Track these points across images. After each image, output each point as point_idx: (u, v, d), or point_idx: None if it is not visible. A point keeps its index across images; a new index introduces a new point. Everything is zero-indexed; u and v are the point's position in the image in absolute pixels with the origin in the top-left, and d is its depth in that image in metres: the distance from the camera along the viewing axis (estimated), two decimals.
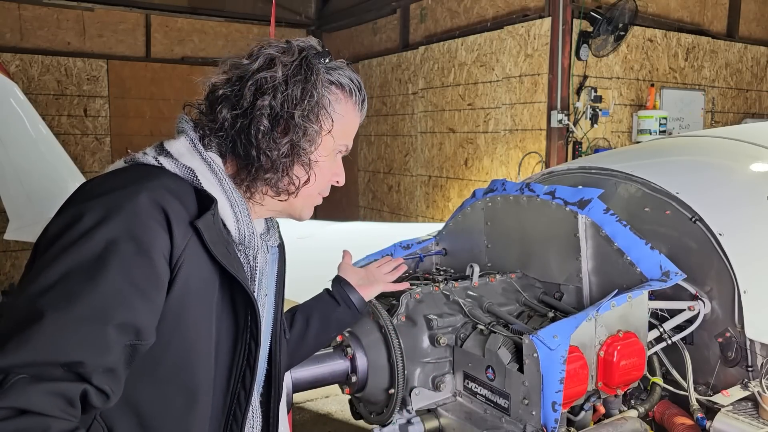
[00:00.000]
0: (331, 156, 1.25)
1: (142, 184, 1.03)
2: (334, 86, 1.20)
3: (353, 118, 1.26)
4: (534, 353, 1.51)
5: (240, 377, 1.18)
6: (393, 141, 8.10)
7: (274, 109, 1.13)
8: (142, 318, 0.97)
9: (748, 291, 1.72)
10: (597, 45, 5.68)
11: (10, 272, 7.50)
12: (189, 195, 1.09)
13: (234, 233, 1.15)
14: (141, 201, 1.00)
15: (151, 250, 0.99)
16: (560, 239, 1.92)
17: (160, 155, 1.13)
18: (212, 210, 1.08)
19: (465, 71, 6.69)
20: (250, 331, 1.17)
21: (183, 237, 1.03)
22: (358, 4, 8.64)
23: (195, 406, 1.11)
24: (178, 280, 1.03)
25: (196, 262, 1.06)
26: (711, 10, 6.89)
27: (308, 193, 1.24)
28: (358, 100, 1.25)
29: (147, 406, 1.05)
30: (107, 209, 0.98)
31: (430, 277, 2.04)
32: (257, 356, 1.18)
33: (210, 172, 1.14)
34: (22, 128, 4.59)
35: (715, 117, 6.76)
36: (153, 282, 0.99)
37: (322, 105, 1.18)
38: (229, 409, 1.19)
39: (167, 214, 1.02)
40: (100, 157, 7.93)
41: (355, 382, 1.81)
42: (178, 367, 1.08)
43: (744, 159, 2.32)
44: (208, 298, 1.11)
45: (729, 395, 1.68)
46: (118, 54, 8.16)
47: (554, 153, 5.67)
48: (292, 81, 1.14)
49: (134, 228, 0.98)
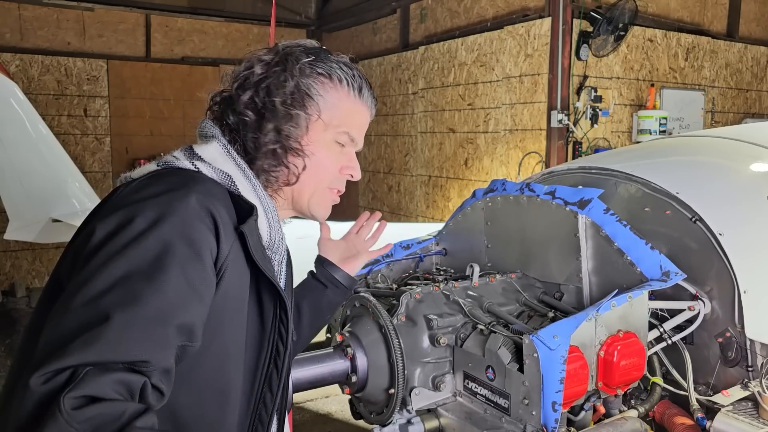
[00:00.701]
0: (330, 145, 1.23)
1: (190, 187, 1.03)
2: (322, 76, 1.20)
3: (351, 107, 1.24)
4: (534, 353, 1.51)
5: (266, 378, 1.18)
6: (393, 141, 8.10)
7: (256, 101, 1.17)
8: (196, 319, 0.98)
9: (748, 291, 1.72)
10: (597, 45, 5.68)
11: (10, 272, 7.50)
12: (228, 200, 1.10)
13: (266, 238, 1.16)
14: (191, 204, 1.00)
15: (203, 252, 0.99)
16: (560, 239, 1.92)
17: (195, 160, 1.13)
18: (255, 216, 1.10)
19: (465, 71, 6.69)
20: (279, 332, 1.17)
21: (228, 242, 1.04)
22: (358, 4, 8.64)
23: (227, 411, 1.11)
24: (222, 284, 1.04)
25: (238, 268, 1.07)
26: (711, 10, 6.89)
27: (312, 185, 1.23)
28: (353, 91, 1.23)
29: (182, 411, 1.05)
30: (160, 211, 0.98)
31: (430, 277, 2.04)
32: (285, 357, 1.19)
33: (245, 178, 1.15)
34: (22, 128, 4.59)
35: (715, 117, 6.76)
36: (206, 284, 1.00)
37: (306, 92, 1.18)
38: (255, 411, 1.18)
39: (215, 219, 1.02)
40: (100, 157, 7.92)
41: (355, 382, 1.81)
42: (214, 372, 1.08)
43: (744, 159, 2.32)
44: (243, 303, 1.11)
45: (729, 395, 1.68)
46: (118, 54, 8.16)
47: (554, 153, 5.67)
48: (271, 72, 1.18)
49: (188, 230, 0.98)
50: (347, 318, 1.99)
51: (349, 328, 1.89)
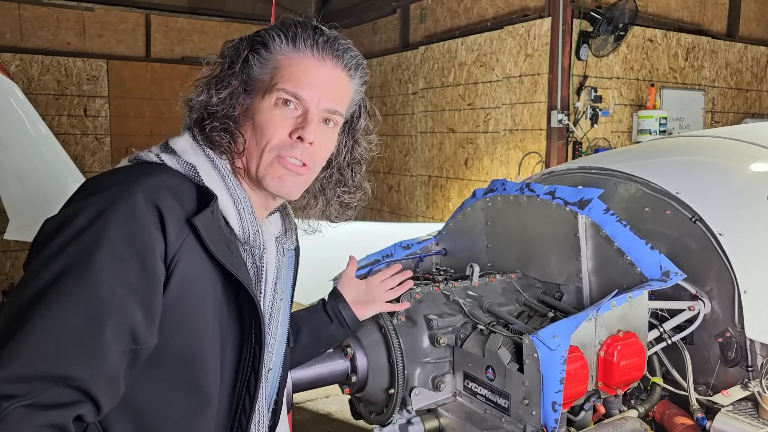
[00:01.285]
0: (270, 109, 1.14)
1: (138, 181, 1.01)
2: (257, 45, 1.17)
3: (283, 61, 1.16)
4: (534, 353, 1.51)
5: (245, 382, 1.15)
6: (393, 141, 8.10)
7: (203, 88, 1.16)
8: (137, 321, 0.95)
9: (748, 291, 1.72)
10: (597, 45, 5.68)
11: (10, 272, 7.50)
12: (189, 192, 1.07)
13: (238, 231, 1.13)
14: (134, 200, 0.98)
15: (144, 250, 0.97)
16: (560, 239, 1.92)
17: (163, 152, 1.12)
18: (211, 207, 1.06)
19: (465, 71, 6.69)
20: (255, 334, 1.13)
21: (177, 235, 1.01)
22: (358, 4, 8.64)
23: (199, 410, 1.08)
24: (174, 279, 1.01)
25: (194, 261, 1.03)
26: (711, 10, 6.89)
27: (256, 154, 1.15)
28: (285, 44, 1.16)
29: (146, 408, 1.03)
30: (99, 209, 0.96)
31: (430, 277, 2.04)
32: (261, 360, 1.15)
33: (213, 169, 1.12)
34: (22, 128, 4.58)
35: (715, 117, 6.76)
36: (148, 283, 0.97)
37: (242, 65, 1.16)
38: (235, 414, 1.16)
39: (161, 212, 0.99)
40: (100, 157, 7.93)
41: (355, 382, 1.81)
42: (179, 368, 1.05)
43: (744, 159, 2.32)
44: (209, 298, 1.08)
45: (729, 395, 1.68)
46: (118, 54, 8.16)
47: (554, 153, 5.67)
48: (218, 61, 1.18)
49: (128, 228, 0.96)
50: None
51: None
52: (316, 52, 1.16)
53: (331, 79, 1.18)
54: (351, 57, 1.20)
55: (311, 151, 1.16)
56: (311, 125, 1.15)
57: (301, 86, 1.14)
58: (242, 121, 1.16)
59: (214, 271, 1.07)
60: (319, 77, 1.16)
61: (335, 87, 1.19)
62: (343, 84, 1.21)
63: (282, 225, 1.34)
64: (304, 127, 1.14)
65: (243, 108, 1.16)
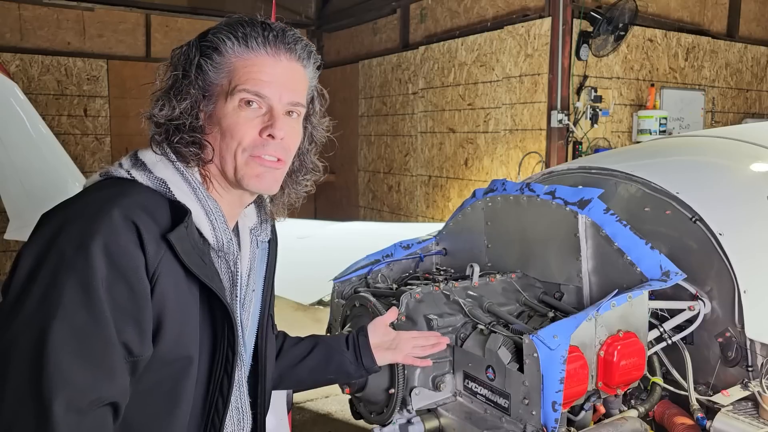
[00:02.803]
0: (235, 111, 1.15)
1: (114, 203, 1.03)
2: (208, 50, 1.16)
3: (240, 62, 1.15)
4: (534, 353, 1.51)
5: (218, 385, 1.19)
6: (393, 141, 8.10)
7: (159, 101, 1.16)
8: (132, 337, 1.02)
9: (748, 291, 1.72)
10: (597, 45, 5.68)
11: None
12: (162, 208, 1.09)
13: (212, 241, 1.15)
14: (115, 222, 1.01)
15: (128, 271, 1.01)
16: (560, 239, 1.92)
17: (133, 167, 1.13)
18: (185, 222, 1.08)
19: (465, 71, 6.69)
20: (228, 339, 1.17)
21: (156, 252, 1.05)
22: (358, 4, 8.64)
23: (177, 414, 1.13)
24: (155, 293, 1.05)
25: (173, 275, 1.07)
26: (711, 10, 6.89)
27: (229, 157, 1.16)
28: (238, 46, 1.15)
29: (131, 415, 1.07)
30: (82, 234, 0.99)
31: (430, 277, 2.04)
32: (234, 364, 1.19)
33: (183, 182, 1.14)
34: (22, 128, 4.58)
35: (715, 117, 6.76)
36: (136, 302, 1.02)
37: (196, 72, 1.15)
38: (208, 415, 1.19)
39: (139, 231, 1.03)
40: (100, 157, 7.93)
41: (355, 382, 1.81)
42: (162, 377, 1.10)
43: (744, 159, 2.32)
44: (190, 309, 1.12)
45: (729, 395, 1.68)
46: (118, 54, 8.17)
47: (554, 153, 5.67)
48: (170, 71, 1.18)
49: (112, 251, 0.99)
50: (347, 318, 1.99)
51: (349, 328, 1.89)
52: (269, 49, 1.17)
53: (288, 72, 1.19)
54: (303, 47, 1.21)
55: (283, 145, 1.19)
56: (279, 121, 1.16)
57: (261, 84, 1.15)
58: (208, 129, 1.17)
59: (190, 282, 1.11)
60: (277, 73, 1.17)
61: (293, 80, 1.20)
62: (300, 75, 1.22)
63: (257, 217, 1.36)
64: (272, 125, 1.16)
65: (206, 115, 1.17)
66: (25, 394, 0.93)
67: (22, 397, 0.93)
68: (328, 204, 9.39)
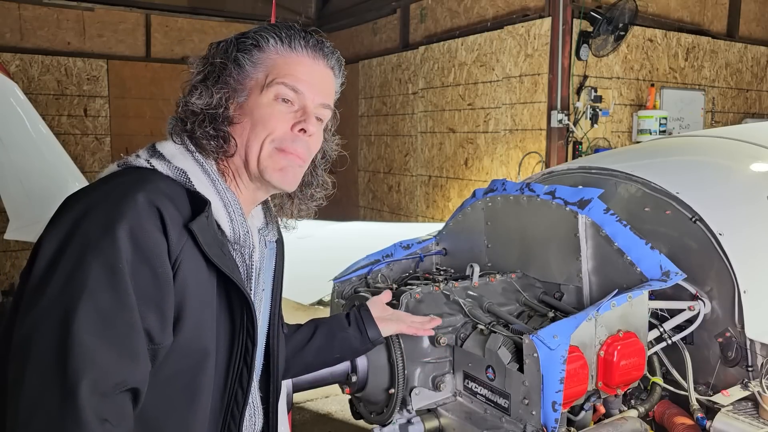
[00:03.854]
0: (271, 104, 1.19)
1: (139, 188, 1.04)
2: (250, 46, 1.20)
3: (282, 60, 1.20)
4: (534, 353, 1.51)
5: (237, 376, 1.19)
6: (393, 141, 8.10)
7: (194, 91, 1.19)
8: (150, 324, 1.01)
9: (748, 291, 1.72)
10: (597, 45, 5.68)
11: (10, 272, 7.50)
12: (182, 197, 1.10)
13: (229, 233, 1.16)
14: (138, 207, 1.01)
15: (153, 256, 1.01)
16: (560, 239, 1.92)
17: (153, 157, 1.14)
18: (206, 212, 1.09)
19: (465, 71, 6.69)
20: (247, 330, 1.18)
21: (178, 240, 1.05)
22: (358, 4, 8.64)
23: (196, 407, 1.12)
24: (177, 281, 1.05)
25: (193, 265, 1.08)
26: (711, 10, 6.89)
27: (255, 147, 1.18)
28: (282, 45, 1.21)
29: (149, 409, 1.06)
30: (108, 218, 0.99)
31: (430, 277, 2.04)
32: (254, 355, 1.19)
33: (203, 173, 1.15)
34: (22, 128, 4.58)
35: (715, 117, 6.76)
36: (159, 288, 1.02)
37: (233, 66, 1.19)
38: (227, 408, 1.19)
39: (163, 218, 1.03)
40: (100, 157, 7.92)
41: (355, 382, 1.81)
42: (180, 368, 1.09)
43: (744, 159, 2.32)
44: (208, 300, 1.12)
45: (729, 395, 1.68)
46: (118, 54, 8.16)
47: (554, 153, 5.67)
48: (207, 63, 1.22)
49: (137, 235, 0.99)
50: None
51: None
52: (309, 51, 1.23)
53: (323, 76, 1.25)
54: (337, 59, 1.29)
55: (309, 143, 1.23)
56: (312, 118, 1.21)
57: (300, 81, 1.20)
58: (237, 119, 1.19)
59: (209, 272, 1.11)
60: (314, 74, 1.23)
61: (327, 84, 1.27)
62: (332, 82, 1.29)
63: (264, 218, 1.38)
64: (305, 120, 1.20)
65: (237, 105, 1.19)
66: (50, 376, 0.92)
67: (47, 378, 0.92)
68: (328, 204, 9.38)
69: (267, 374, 1.38)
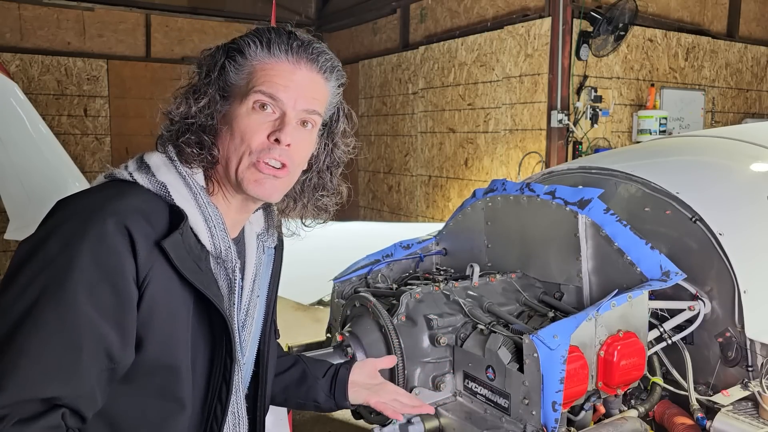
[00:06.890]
0: (248, 113, 1.16)
1: (109, 206, 1.04)
2: (233, 53, 1.19)
3: (258, 65, 1.18)
4: (534, 353, 1.51)
5: (217, 392, 1.19)
6: (393, 141, 8.10)
7: (176, 101, 1.18)
8: (111, 342, 1.01)
9: (748, 291, 1.72)
10: (597, 45, 5.68)
11: None
12: (160, 212, 1.10)
13: (210, 248, 1.15)
14: (105, 225, 1.01)
15: (114, 274, 1.01)
16: (560, 239, 1.92)
17: (137, 170, 1.14)
18: (180, 229, 1.08)
19: (465, 71, 6.69)
20: (225, 347, 1.17)
21: (148, 258, 1.04)
22: (358, 4, 8.64)
23: (174, 421, 1.13)
24: (145, 299, 1.05)
25: (165, 281, 1.07)
26: (711, 10, 6.89)
27: (234, 160, 1.16)
28: (260, 49, 1.17)
29: (122, 416, 1.08)
30: (70, 235, 1.00)
31: (430, 277, 2.04)
32: (233, 371, 1.19)
33: (184, 186, 1.14)
34: (22, 128, 4.58)
35: (715, 117, 6.76)
36: (120, 306, 1.02)
37: (217, 75, 1.18)
38: (207, 422, 1.19)
39: (132, 236, 1.03)
40: (100, 157, 7.92)
41: None
42: (153, 382, 1.10)
43: (744, 159, 2.32)
44: (180, 315, 1.11)
45: (729, 395, 1.68)
46: (118, 54, 8.17)
47: (554, 153, 5.67)
48: (195, 69, 1.21)
49: (97, 254, 1.00)
50: (347, 318, 1.99)
51: (349, 328, 1.89)
52: (290, 56, 1.18)
53: (306, 80, 1.19)
54: (325, 60, 1.22)
55: (289, 152, 1.18)
56: (288, 127, 1.16)
57: (277, 87, 1.16)
58: (220, 128, 1.17)
59: (184, 288, 1.11)
60: (294, 79, 1.18)
61: (311, 88, 1.20)
62: (319, 86, 1.22)
63: (264, 222, 1.36)
64: (281, 130, 1.16)
65: (221, 115, 1.17)
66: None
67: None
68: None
69: (255, 379, 1.38)
